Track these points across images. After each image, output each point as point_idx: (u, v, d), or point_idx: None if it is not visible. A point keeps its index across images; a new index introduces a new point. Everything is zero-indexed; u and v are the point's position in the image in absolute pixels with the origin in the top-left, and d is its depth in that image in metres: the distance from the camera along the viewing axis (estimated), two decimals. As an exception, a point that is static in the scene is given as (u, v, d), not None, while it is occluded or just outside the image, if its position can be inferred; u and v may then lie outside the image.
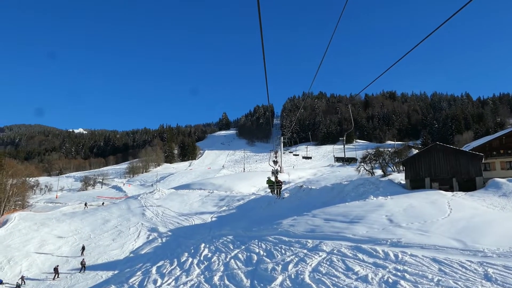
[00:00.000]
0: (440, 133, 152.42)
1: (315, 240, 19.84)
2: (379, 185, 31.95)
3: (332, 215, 24.71)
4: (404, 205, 23.79)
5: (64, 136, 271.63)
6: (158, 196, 52.15)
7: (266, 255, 19.56)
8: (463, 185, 29.73)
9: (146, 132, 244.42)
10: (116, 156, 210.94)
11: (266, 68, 7.69)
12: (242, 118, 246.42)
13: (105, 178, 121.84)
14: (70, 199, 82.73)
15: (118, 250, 32.88)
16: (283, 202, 38.07)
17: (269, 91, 10.76)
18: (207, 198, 49.74)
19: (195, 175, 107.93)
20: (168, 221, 40.09)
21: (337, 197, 32.48)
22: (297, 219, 26.01)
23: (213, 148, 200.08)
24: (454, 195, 26.58)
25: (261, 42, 6.06)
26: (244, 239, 24.51)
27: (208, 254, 23.02)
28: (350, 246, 17.83)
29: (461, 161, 30.30)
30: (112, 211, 47.13)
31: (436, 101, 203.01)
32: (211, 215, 41.23)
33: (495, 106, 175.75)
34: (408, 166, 32.60)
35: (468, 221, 18.96)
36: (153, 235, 35.84)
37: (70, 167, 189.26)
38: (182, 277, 19.25)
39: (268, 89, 10.92)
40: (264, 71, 7.88)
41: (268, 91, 10.88)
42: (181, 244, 30.01)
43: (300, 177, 77.21)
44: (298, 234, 22.39)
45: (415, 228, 18.86)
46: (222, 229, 31.57)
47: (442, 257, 14.69)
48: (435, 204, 23.59)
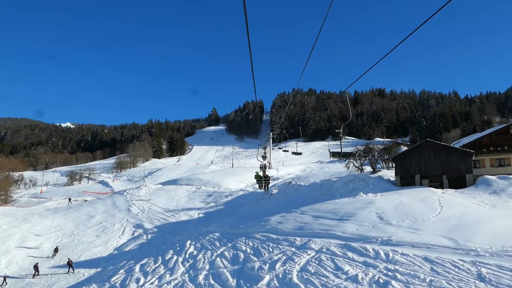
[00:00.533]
0: (428, 131, 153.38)
1: (304, 238, 19.32)
2: (369, 181, 31.52)
3: (321, 212, 24.21)
4: (394, 202, 23.38)
5: (51, 130, 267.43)
6: (144, 192, 51.22)
7: (253, 253, 18.99)
8: (453, 182, 29.43)
9: (134, 127, 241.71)
10: (103, 150, 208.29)
11: (252, 63, 7.57)
12: (231, 114, 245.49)
13: (91, 173, 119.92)
14: (55, 194, 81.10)
15: (102, 247, 32.02)
16: (272, 198, 37.53)
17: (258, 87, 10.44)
18: (195, 194, 49.01)
19: (183, 171, 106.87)
20: (154, 217, 39.30)
21: (327, 193, 32.03)
22: (285, 216, 25.47)
23: (202, 144, 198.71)
24: (444, 193, 26.29)
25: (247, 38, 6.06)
26: (231, 236, 23.92)
27: (193, 252, 22.38)
28: (340, 245, 17.34)
29: (451, 158, 29.95)
30: (97, 206, 46.08)
31: (424, 99, 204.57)
32: (198, 211, 40.56)
33: (482, 104, 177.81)
34: (398, 162, 32.24)
35: (459, 219, 18.59)
36: (138, 232, 35.04)
37: (57, 162, 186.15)
38: (166, 276, 18.59)
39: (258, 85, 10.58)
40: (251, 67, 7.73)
41: (255, 87, 10.57)
42: (166, 241, 29.30)
43: (289, 173, 76.84)
44: (286, 231, 21.85)
45: (406, 226, 18.44)
46: (209, 225, 30.94)
47: (434, 256, 14.27)
48: (425, 201, 23.23)
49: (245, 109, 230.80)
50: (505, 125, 39.00)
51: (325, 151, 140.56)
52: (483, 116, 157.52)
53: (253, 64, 7.75)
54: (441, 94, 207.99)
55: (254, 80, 9.62)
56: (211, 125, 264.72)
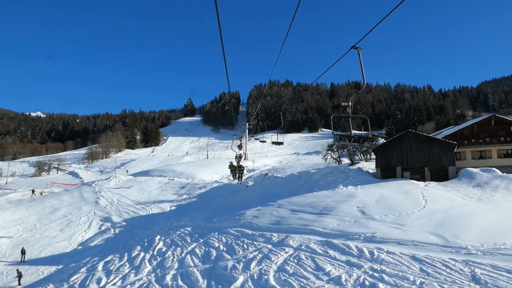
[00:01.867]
0: (403, 124, 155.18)
1: (281, 234, 17.95)
2: (349, 173, 30.39)
3: (299, 206, 22.88)
4: (376, 195, 22.26)
5: (20, 119, 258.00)
6: (114, 183, 48.86)
7: (227, 250, 17.55)
8: (435, 174, 28.56)
9: (108, 117, 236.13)
10: (75, 141, 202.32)
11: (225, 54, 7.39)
12: (207, 105, 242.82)
13: (61, 164, 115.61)
14: (21, 185, 77.39)
15: (66, 242, 29.90)
16: (247, 191, 36.12)
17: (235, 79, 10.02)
18: (167, 185, 47.05)
19: (157, 162, 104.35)
20: (123, 210, 37.29)
21: (304, 186, 30.78)
22: (261, 210, 24.07)
23: (177, 135, 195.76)
24: (427, 185, 25.32)
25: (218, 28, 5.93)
26: (203, 231, 22.41)
27: (162, 248, 20.79)
28: (320, 241, 16.05)
29: (433, 150, 29.02)
30: (63, 198, 43.53)
31: (399, 92, 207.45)
32: (171, 203, 38.79)
33: (456, 98, 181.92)
34: (379, 154, 31.18)
35: (445, 214, 17.58)
36: (105, 225, 33.03)
37: (25, 152, 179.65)
38: (130, 276, 16.97)
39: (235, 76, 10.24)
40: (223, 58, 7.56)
41: (228, 78, 10.11)
42: (135, 236, 27.59)
43: (265, 164, 75.67)
44: (262, 226, 20.47)
45: (390, 221, 17.29)
46: (181, 219, 29.32)
47: (422, 255, 13.13)
48: (408, 194, 22.18)
49: (221, 100, 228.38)
50: (486, 116, 38.52)
51: (301, 143, 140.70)
52: (456, 110, 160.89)
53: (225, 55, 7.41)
54: (416, 88, 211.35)
55: (226, 70, 9.12)
56: (186, 116, 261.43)
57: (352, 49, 7.62)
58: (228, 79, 10.47)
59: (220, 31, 6.14)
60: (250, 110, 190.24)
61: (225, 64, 8.55)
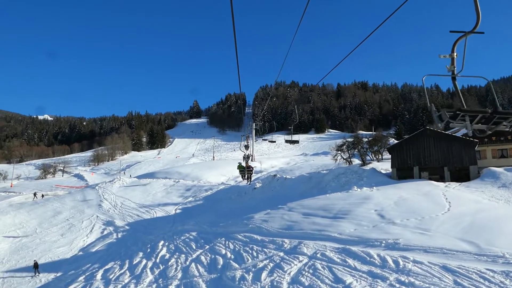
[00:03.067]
0: (411, 123, 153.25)
1: (293, 240, 16.51)
2: (363, 174, 28.73)
3: (312, 209, 21.37)
4: (393, 197, 20.70)
5: (27, 122, 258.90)
6: (118, 186, 47.59)
7: (234, 258, 16.15)
8: (455, 174, 26.84)
9: (114, 119, 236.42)
10: (81, 143, 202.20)
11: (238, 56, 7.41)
12: (213, 106, 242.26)
13: (66, 166, 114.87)
14: (26, 188, 76.56)
15: (66, 247, 28.62)
16: (255, 193, 34.66)
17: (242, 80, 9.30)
18: (172, 188, 45.68)
19: (163, 164, 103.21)
20: (127, 214, 35.98)
21: (316, 187, 29.19)
22: (271, 213, 22.60)
23: (183, 136, 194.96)
24: (448, 186, 23.62)
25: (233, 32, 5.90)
26: (209, 237, 21.01)
27: (165, 255, 19.42)
28: (337, 249, 14.60)
29: (453, 148, 27.29)
30: (65, 201, 42.31)
31: (406, 92, 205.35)
32: (176, 206, 37.44)
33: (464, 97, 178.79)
34: (395, 153, 29.48)
35: (473, 217, 16.04)
36: (108, 230, 31.73)
37: (32, 154, 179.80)
38: (130, 286, 15.60)
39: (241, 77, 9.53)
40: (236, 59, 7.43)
41: (240, 80, 9.76)
42: (137, 241, 26.21)
43: (273, 166, 74.15)
44: (273, 231, 19.02)
45: (413, 226, 15.78)
46: (186, 223, 27.98)
47: (454, 265, 11.63)
48: (429, 196, 20.60)
49: (227, 101, 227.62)
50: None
51: (308, 143, 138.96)
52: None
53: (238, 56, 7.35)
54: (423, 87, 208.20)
55: (239, 72, 9.00)
56: (192, 117, 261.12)
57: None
58: (239, 81, 10.72)
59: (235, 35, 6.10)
60: (256, 111, 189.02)
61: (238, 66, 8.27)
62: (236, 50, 6.92)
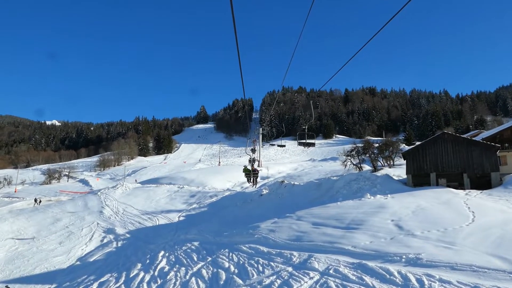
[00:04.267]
0: (420, 129, 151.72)
1: (303, 253, 15.02)
2: (376, 181, 27.10)
3: (322, 218, 19.87)
4: (411, 206, 19.13)
5: (35, 128, 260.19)
6: (121, 192, 46.35)
7: (238, 272, 14.70)
8: (475, 182, 25.10)
9: (121, 124, 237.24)
10: (88, 148, 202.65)
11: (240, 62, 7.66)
12: (220, 112, 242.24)
13: (72, 171, 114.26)
14: (30, 193, 75.72)
15: (64, 256, 27.32)
16: (262, 200, 33.20)
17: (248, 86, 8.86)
18: (176, 194, 44.35)
19: (169, 169, 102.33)
20: (128, 221, 34.68)
21: (326, 195, 27.63)
22: (278, 223, 21.12)
23: (190, 142, 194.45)
24: (468, 194, 21.91)
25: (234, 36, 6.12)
26: (212, 248, 19.58)
27: (165, 268, 17.99)
28: (352, 264, 13.09)
29: (473, 154, 25.49)
30: (66, 208, 41.12)
31: (415, 98, 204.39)
32: (179, 213, 36.11)
33: (474, 103, 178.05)
34: (410, 158, 27.74)
35: (503, 230, 14.46)
36: (108, 238, 30.41)
37: (39, 159, 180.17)
38: (123, 303, 14.25)
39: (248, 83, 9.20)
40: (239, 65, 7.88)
41: (243, 84, 10.27)
42: (137, 250, 24.93)
43: (280, 171, 72.66)
44: (280, 243, 17.55)
45: (435, 239, 14.22)
46: (189, 232, 26.62)
47: (488, 285, 10.07)
48: (449, 205, 18.99)
49: (234, 106, 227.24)
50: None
51: (315, 149, 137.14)
52: (475, 115, 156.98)
53: (241, 62, 7.82)
54: (432, 93, 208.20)
55: (242, 77, 9.26)
56: (199, 123, 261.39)
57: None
58: (243, 85, 10.18)
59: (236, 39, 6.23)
60: (263, 117, 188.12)
61: (240, 70, 8.40)
62: (238, 54, 6.98)
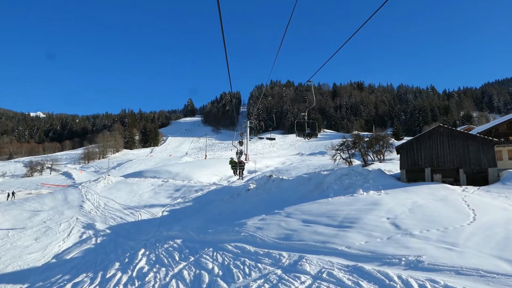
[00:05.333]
0: (407, 124, 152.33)
1: (293, 254, 13.83)
2: (368, 176, 25.95)
3: (313, 215, 18.70)
4: (407, 203, 18.08)
5: (19, 119, 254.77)
6: (103, 185, 44.66)
7: (222, 274, 13.47)
8: (471, 177, 24.16)
9: (107, 117, 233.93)
10: (73, 141, 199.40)
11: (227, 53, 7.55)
12: (208, 105, 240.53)
13: (55, 164, 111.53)
14: (10, 186, 73.27)
15: (39, 253, 25.79)
16: (249, 195, 31.99)
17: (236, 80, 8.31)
18: (161, 188, 42.88)
19: (155, 162, 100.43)
20: (109, 216, 33.19)
21: (316, 190, 26.46)
22: (266, 220, 19.92)
23: (177, 135, 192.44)
24: (466, 191, 20.86)
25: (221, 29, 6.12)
26: (195, 246, 18.31)
27: (144, 268, 16.70)
28: (347, 267, 11.95)
29: (470, 148, 24.50)
30: (45, 202, 39.38)
31: (402, 93, 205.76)
32: (163, 208, 34.74)
33: (460, 99, 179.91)
34: (404, 153, 26.69)
35: (507, 230, 13.47)
36: (87, 233, 28.92)
37: (22, 152, 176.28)
38: (96, 309, 12.95)
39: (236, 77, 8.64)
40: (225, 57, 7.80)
41: (230, 77, 10.28)
42: (117, 247, 23.52)
43: (268, 165, 71.46)
44: (268, 241, 16.36)
45: (436, 239, 13.16)
46: (172, 228, 25.32)
47: (499, 293, 9.10)
48: (447, 202, 17.96)
49: (222, 100, 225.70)
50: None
51: (303, 143, 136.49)
52: (461, 110, 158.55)
53: (228, 55, 7.51)
54: (419, 89, 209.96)
55: (228, 69, 9.25)
56: (187, 116, 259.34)
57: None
58: (229, 77, 9.94)
59: (223, 32, 6.33)
60: (251, 110, 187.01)
61: (227, 63, 8.38)
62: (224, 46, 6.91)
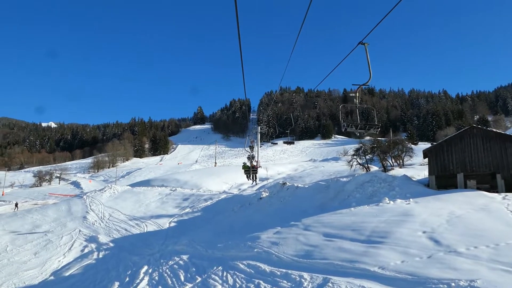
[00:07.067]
0: (420, 129, 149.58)
1: (315, 275, 11.69)
2: (393, 183, 23.58)
3: (335, 228, 16.48)
4: (442, 213, 15.82)
5: (30, 129, 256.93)
6: (108, 195, 42.84)
7: (234, 300, 11.50)
8: (510, 183, 21.75)
9: (117, 125, 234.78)
10: (83, 150, 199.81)
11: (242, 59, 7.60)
12: (217, 113, 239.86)
13: (63, 173, 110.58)
14: (19, 196, 72.12)
15: (37, 269, 23.93)
16: (261, 204, 29.87)
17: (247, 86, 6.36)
18: (168, 197, 40.96)
19: (164, 170, 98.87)
20: (114, 227, 31.33)
21: (336, 199, 24.16)
22: (282, 233, 17.78)
23: (187, 143, 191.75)
24: (506, 199, 18.57)
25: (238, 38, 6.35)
26: (203, 264, 16.31)
27: (145, 289, 14.79)
28: (383, 294, 9.88)
29: (508, 151, 21.93)
30: (48, 213, 37.64)
31: (414, 98, 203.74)
32: (170, 219, 32.80)
33: (474, 103, 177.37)
34: (433, 157, 24.16)
35: None
36: (90, 247, 27.04)
37: (33, 161, 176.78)
38: None
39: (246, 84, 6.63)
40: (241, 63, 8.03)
41: (244, 84, 10.65)
42: (119, 263, 21.63)
43: (279, 172, 69.34)
44: (286, 259, 14.26)
45: (487, 258, 10.93)
46: (179, 241, 23.35)
47: None
48: (489, 212, 15.61)
49: (231, 107, 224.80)
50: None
51: (314, 149, 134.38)
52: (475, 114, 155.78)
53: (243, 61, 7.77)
54: (431, 93, 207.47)
55: (244, 78, 9.67)
56: (196, 124, 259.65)
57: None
58: (244, 85, 10.78)
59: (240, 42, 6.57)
60: (261, 117, 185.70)
61: (243, 71, 8.94)
62: (240, 53, 7.19)
